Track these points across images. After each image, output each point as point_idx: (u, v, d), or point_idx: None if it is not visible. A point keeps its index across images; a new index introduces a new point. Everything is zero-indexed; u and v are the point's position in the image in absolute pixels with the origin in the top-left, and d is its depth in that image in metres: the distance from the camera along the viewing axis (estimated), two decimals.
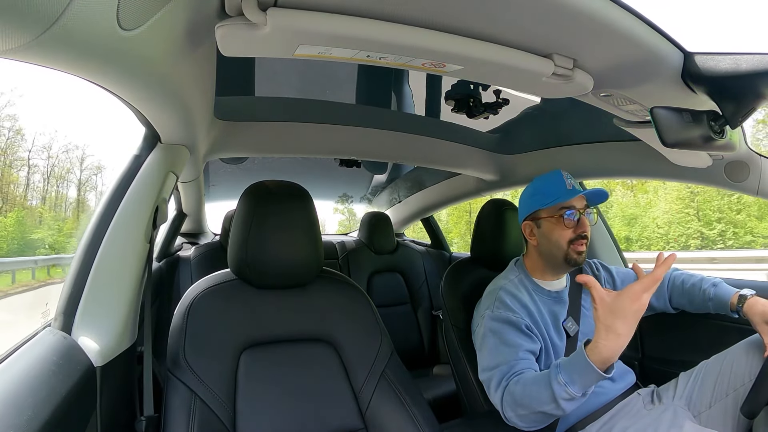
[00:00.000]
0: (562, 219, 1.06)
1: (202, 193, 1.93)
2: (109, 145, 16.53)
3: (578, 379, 0.82)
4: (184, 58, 0.68)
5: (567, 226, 1.06)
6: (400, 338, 2.10)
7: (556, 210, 1.08)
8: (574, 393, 0.82)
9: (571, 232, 1.06)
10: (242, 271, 0.92)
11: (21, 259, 8.09)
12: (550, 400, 0.85)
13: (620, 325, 0.79)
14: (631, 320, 0.79)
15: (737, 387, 0.94)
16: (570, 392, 0.82)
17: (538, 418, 0.90)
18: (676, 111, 0.76)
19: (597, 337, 0.81)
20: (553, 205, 1.08)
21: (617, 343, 0.79)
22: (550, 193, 1.09)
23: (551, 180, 1.11)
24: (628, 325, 0.79)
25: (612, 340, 0.79)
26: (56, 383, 0.59)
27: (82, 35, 0.43)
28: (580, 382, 0.82)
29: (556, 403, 0.84)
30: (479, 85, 1.15)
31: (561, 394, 0.83)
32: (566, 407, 0.85)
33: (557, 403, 0.84)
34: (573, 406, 0.85)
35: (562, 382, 0.83)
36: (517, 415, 0.91)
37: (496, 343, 1.02)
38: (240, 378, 0.85)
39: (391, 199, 2.83)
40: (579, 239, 1.06)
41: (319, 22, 0.61)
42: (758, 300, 0.98)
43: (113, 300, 0.78)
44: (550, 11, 0.63)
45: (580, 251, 1.06)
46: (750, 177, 1.16)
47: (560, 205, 1.07)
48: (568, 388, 0.82)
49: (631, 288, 0.80)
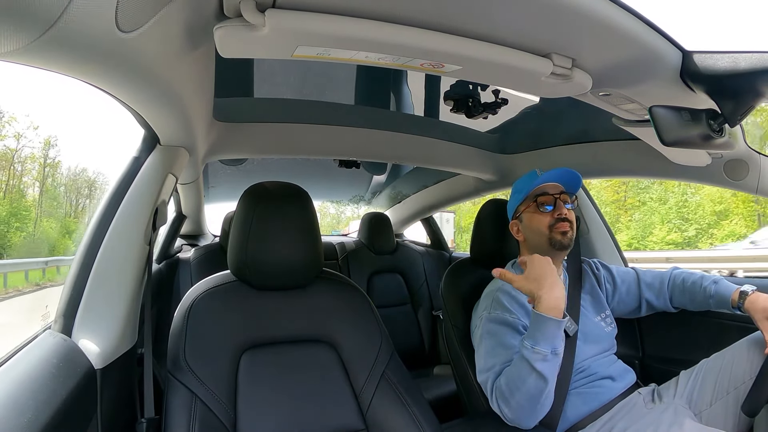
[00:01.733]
0: (538, 207, 1.11)
1: (201, 195, 1.93)
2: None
3: (540, 336, 0.88)
4: (182, 59, 0.68)
5: (543, 212, 1.11)
6: (401, 339, 2.10)
7: (531, 200, 1.13)
8: (542, 350, 0.87)
9: (549, 217, 1.10)
10: (242, 273, 0.92)
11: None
12: (528, 371, 0.88)
13: (542, 279, 0.90)
14: (547, 268, 0.92)
15: (738, 385, 0.94)
16: (539, 351, 0.87)
17: (530, 404, 0.89)
18: (675, 110, 0.76)
19: (537, 299, 0.90)
20: (527, 196, 1.14)
21: (552, 290, 0.89)
22: (524, 188, 1.15)
23: (525, 177, 1.18)
24: (547, 275, 0.90)
25: (546, 291, 0.89)
26: (57, 385, 0.59)
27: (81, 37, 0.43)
28: (542, 338, 0.87)
29: (535, 370, 0.87)
30: (478, 85, 1.16)
31: (532, 357, 0.87)
32: (544, 370, 0.87)
33: (535, 370, 0.87)
34: (550, 368, 0.88)
35: (529, 346, 0.88)
36: (510, 409, 0.91)
37: (493, 344, 1.02)
38: (240, 379, 0.85)
39: (391, 200, 2.83)
40: (558, 222, 1.09)
41: (318, 23, 0.61)
42: (760, 296, 0.98)
43: (113, 302, 0.78)
44: (548, 11, 0.63)
45: (563, 231, 1.08)
46: (749, 175, 1.16)
47: (533, 193, 1.13)
48: (536, 348, 0.87)
49: (535, 259, 0.94)
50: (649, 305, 1.20)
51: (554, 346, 0.88)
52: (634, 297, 1.21)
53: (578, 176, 1.12)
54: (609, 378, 1.07)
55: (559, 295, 0.89)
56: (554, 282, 0.90)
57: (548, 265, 0.92)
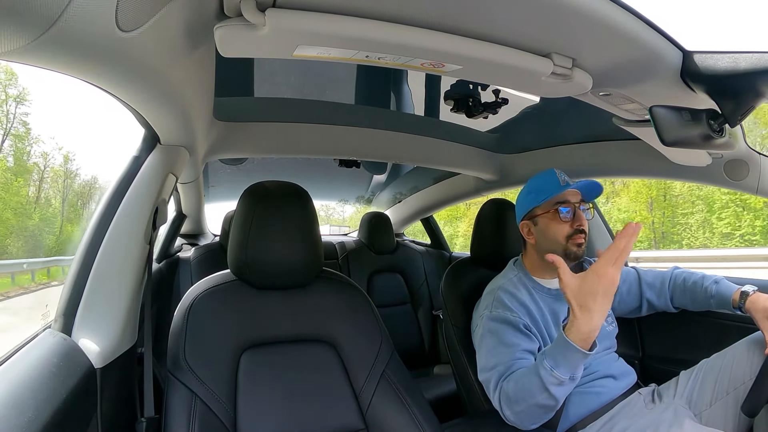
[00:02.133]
0: (558, 214, 1.07)
1: (201, 194, 1.93)
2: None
3: (563, 361, 0.83)
4: (183, 59, 0.68)
5: (563, 221, 1.07)
6: (401, 338, 2.10)
7: (551, 206, 1.08)
8: (560, 376, 0.83)
9: (567, 227, 1.07)
10: (242, 272, 0.92)
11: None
12: (540, 389, 0.85)
13: (591, 302, 0.80)
14: (602, 297, 0.80)
15: (738, 385, 0.94)
16: (557, 376, 0.83)
17: (535, 413, 0.90)
18: (675, 110, 0.76)
19: (572, 317, 0.82)
20: (548, 200, 1.09)
21: (591, 320, 0.80)
22: (544, 190, 1.10)
23: (545, 178, 1.12)
24: (598, 302, 0.80)
25: (585, 317, 0.80)
26: (57, 385, 0.59)
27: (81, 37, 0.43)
28: (564, 364, 0.83)
29: (547, 391, 0.84)
30: (478, 84, 1.15)
31: (549, 380, 0.84)
32: (557, 393, 0.84)
33: (548, 391, 0.84)
34: (564, 392, 0.85)
35: (548, 367, 0.84)
36: (514, 413, 0.91)
37: (495, 343, 1.02)
38: (240, 379, 0.85)
39: (391, 199, 2.83)
40: (576, 234, 1.06)
41: (318, 22, 0.61)
42: (761, 296, 0.98)
43: (113, 301, 0.78)
44: (548, 11, 0.63)
45: (579, 243, 1.07)
46: (749, 175, 1.16)
47: (554, 200, 1.08)
48: (554, 372, 0.83)
49: (596, 265, 0.81)
50: (649, 305, 1.20)
51: (574, 373, 0.84)
52: (635, 297, 1.21)
53: (600, 187, 1.09)
54: (610, 377, 1.07)
55: (595, 326, 0.80)
56: (601, 308, 0.80)
57: (611, 288, 0.80)
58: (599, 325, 0.81)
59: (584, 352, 0.81)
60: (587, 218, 1.09)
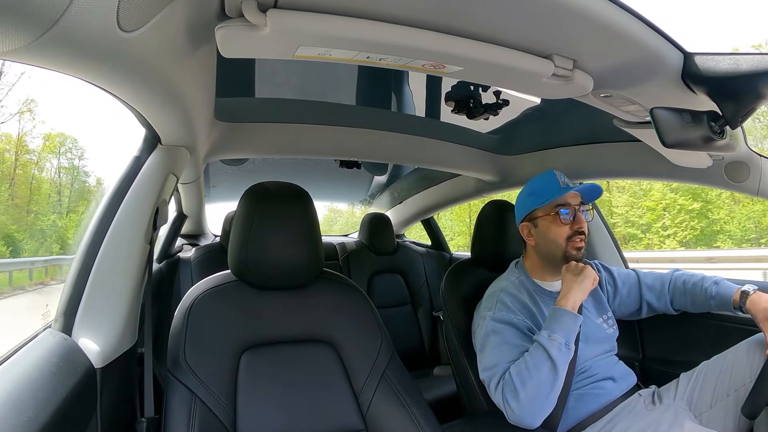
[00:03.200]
0: (558, 216, 1.07)
1: (202, 195, 1.93)
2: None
3: (557, 326, 0.96)
4: (184, 59, 0.68)
5: (563, 223, 1.07)
6: (401, 339, 2.10)
7: (551, 208, 1.09)
8: (559, 338, 0.94)
9: (567, 229, 1.07)
10: (242, 273, 0.92)
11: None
12: (543, 359, 0.93)
13: (581, 285, 1.02)
14: (589, 282, 1.04)
15: (738, 387, 0.94)
16: (556, 338, 0.94)
17: (539, 396, 0.91)
18: (676, 111, 0.76)
19: (564, 296, 1.01)
20: (548, 203, 1.09)
21: (577, 295, 1.01)
22: (545, 193, 1.10)
23: (545, 180, 1.12)
24: (585, 286, 1.03)
25: (573, 293, 1.01)
26: (57, 384, 0.59)
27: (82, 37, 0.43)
28: (559, 328, 0.96)
29: (550, 358, 0.93)
30: (479, 86, 1.15)
31: (549, 344, 0.94)
32: (558, 360, 0.93)
33: (550, 359, 0.93)
34: (563, 359, 0.94)
35: (546, 335, 0.95)
36: (518, 402, 0.92)
37: (498, 342, 1.02)
38: (240, 379, 0.85)
39: (392, 201, 2.83)
40: (576, 235, 1.07)
41: (319, 23, 0.61)
42: (761, 296, 0.98)
43: (113, 301, 0.78)
44: (549, 12, 0.63)
45: (578, 247, 1.07)
46: (750, 177, 1.16)
47: (555, 202, 1.08)
48: (553, 335, 0.95)
49: (582, 268, 1.05)
50: (649, 307, 1.20)
51: (568, 338, 0.95)
52: (635, 299, 1.21)
53: (600, 189, 1.10)
54: (610, 379, 1.07)
55: (578, 299, 1.01)
56: (585, 291, 1.03)
57: (591, 282, 1.04)
58: (581, 300, 1.01)
59: (573, 313, 0.98)
60: (587, 219, 1.10)
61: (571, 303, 0.99)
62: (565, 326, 0.96)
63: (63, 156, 18.19)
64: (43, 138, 17.76)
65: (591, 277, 1.03)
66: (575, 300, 1.00)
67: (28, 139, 17.31)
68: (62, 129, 18.08)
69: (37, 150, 17.59)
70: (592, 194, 1.11)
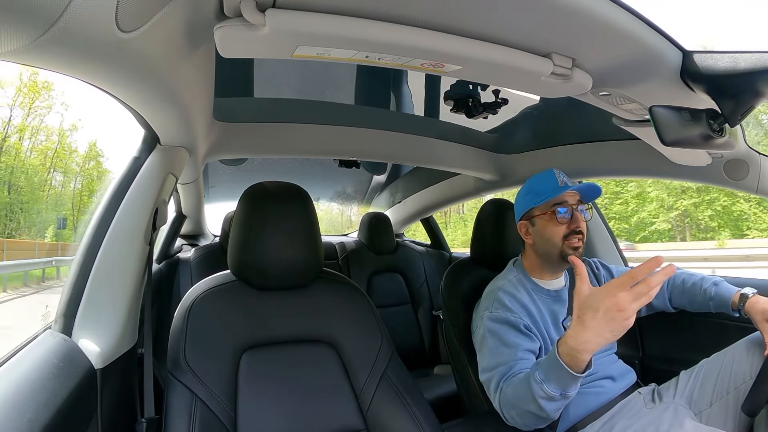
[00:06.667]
0: (555, 215, 1.07)
1: (201, 195, 1.93)
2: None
3: (553, 376, 0.80)
4: (182, 59, 0.68)
5: (560, 222, 1.07)
6: (401, 338, 2.10)
7: (549, 207, 1.08)
8: (550, 392, 0.80)
9: (564, 228, 1.07)
10: (242, 273, 0.92)
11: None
12: (530, 399, 0.83)
13: (589, 317, 0.74)
14: (601, 316, 0.73)
15: (738, 385, 0.94)
16: (546, 391, 0.80)
17: (530, 419, 0.89)
18: (675, 110, 0.76)
19: (568, 329, 0.79)
20: (545, 202, 1.09)
21: (584, 335, 0.75)
22: (543, 191, 1.10)
23: (544, 178, 1.12)
24: (596, 320, 0.73)
25: (579, 331, 0.75)
26: (57, 385, 0.59)
27: (81, 37, 0.43)
28: (555, 380, 0.80)
29: (536, 402, 0.82)
30: (478, 84, 1.15)
31: (538, 392, 0.82)
32: (547, 407, 0.82)
33: (537, 403, 0.82)
34: (555, 407, 0.83)
35: (539, 380, 0.82)
36: (511, 416, 0.92)
37: (496, 343, 1.02)
38: (241, 379, 0.85)
39: (391, 200, 2.83)
40: (573, 234, 1.06)
41: (318, 22, 0.61)
42: (760, 299, 0.98)
43: (113, 302, 0.78)
44: (548, 11, 0.63)
45: (575, 246, 1.06)
46: (749, 175, 1.16)
47: (552, 201, 1.08)
48: (544, 386, 0.80)
49: (609, 283, 0.76)
50: (648, 305, 1.20)
51: (565, 391, 0.80)
52: None
53: (599, 189, 1.09)
54: (609, 378, 1.07)
55: (585, 343, 0.75)
56: (597, 327, 0.74)
57: (616, 313, 0.72)
58: (590, 347, 0.75)
59: (571, 372, 0.77)
60: (586, 218, 1.09)
61: (572, 346, 0.76)
62: (562, 381, 0.80)
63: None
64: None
65: (620, 312, 0.72)
66: (578, 344, 0.76)
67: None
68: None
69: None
70: (590, 193, 1.10)
